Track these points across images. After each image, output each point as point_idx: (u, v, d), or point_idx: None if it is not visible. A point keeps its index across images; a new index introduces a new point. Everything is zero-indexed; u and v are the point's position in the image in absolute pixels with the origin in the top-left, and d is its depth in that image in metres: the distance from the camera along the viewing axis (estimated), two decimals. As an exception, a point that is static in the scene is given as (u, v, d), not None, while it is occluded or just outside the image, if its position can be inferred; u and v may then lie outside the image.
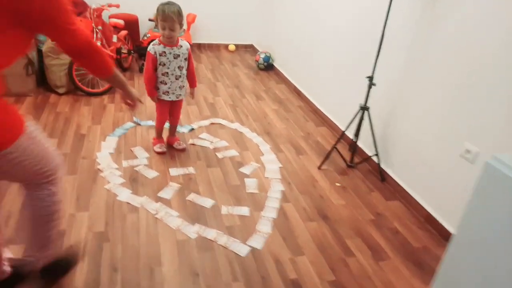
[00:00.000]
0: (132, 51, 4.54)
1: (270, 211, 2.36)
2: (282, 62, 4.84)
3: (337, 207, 2.47)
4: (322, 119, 3.70)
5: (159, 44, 2.59)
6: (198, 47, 5.70)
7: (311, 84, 4.02)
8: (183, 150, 2.92)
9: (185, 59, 2.70)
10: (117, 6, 3.91)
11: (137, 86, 4.07)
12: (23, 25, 1.22)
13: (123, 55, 4.24)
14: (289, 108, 3.92)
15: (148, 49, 2.60)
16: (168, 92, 2.71)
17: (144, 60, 4.80)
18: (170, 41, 2.59)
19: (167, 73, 2.66)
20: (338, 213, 2.41)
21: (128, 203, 2.30)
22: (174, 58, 2.63)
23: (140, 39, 5.14)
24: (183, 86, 2.77)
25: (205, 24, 5.55)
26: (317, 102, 3.86)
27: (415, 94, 2.48)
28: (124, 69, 4.42)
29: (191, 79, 2.83)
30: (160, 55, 2.59)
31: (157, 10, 2.47)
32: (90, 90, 3.71)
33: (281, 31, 4.81)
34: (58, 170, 1.55)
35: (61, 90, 3.65)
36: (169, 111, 2.84)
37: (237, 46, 5.87)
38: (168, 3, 2.47)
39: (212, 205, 2.36)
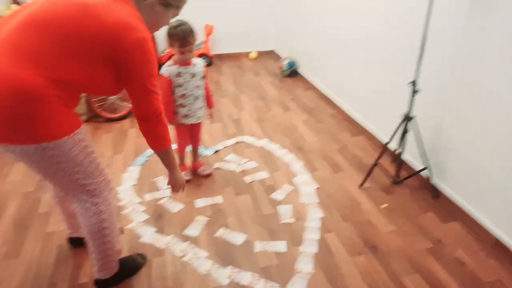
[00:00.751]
0: (151, 70, 4.39)
1: (310, 245, 2.08)
2: (307, 66, 4.55)
3: (387, 235, 2.16)
4: (358, 128, 3.38)
5: (173, 64, 2.39)
6: (219, 58, 5.50)
7: (341, 90, 3.71)
8: (208, 175, 2.70)
9: (202, 77, 2.48)
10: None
11: (158, 106, 3.89)
12: (111, 69, 1.36)
13: (142, 75, 4.08)
14: (320, 117, 3.62)
15: (161, 73, 2.40)
16: (188, 115, 2.49)
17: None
18: (187, 61, 2.38)
19: (185, 94, 2.44)
20: (389, 243, 2.10)
21: (152, 245, 2.10)
22: (191, 77, 2.42)
23: (159, 56, 5.00)
24: (203, 107, 2.55)
25: (223, 34, 5.34)
26: (351, 109, 3.54)
27: (468, 98, 2.13)
28: (144, 89, 4.26)
29: (208, 99, 2.62)
30: (176, 76, 2.39)
31: (169, 35, 2.27)
32: (110, 115, 3.57)
33: (303, 32, 4.52)
34: (103, 188, 1.59)
35: (82, 118, 3.53)
36: (190, 134, 2.63)
37: (258, 53, 5.63)
38: (178, 25, 2.25)
39: (244, 241, 2.11)
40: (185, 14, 5.36)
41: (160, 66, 4.74)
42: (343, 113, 3.64)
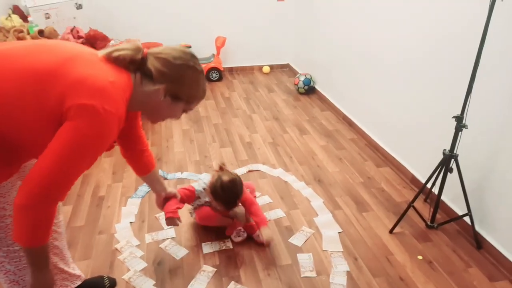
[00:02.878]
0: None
1: (336, 309, 1.76)
2: (325, 84, 4.24)
3: (427, 298, 1.83)
4: (383, 157, 3.05)
5: (206, 195, 2.13)
6: (230, 72, 5.23)
7: (365, 112, 3.39)
8: (263, 244, 2.11)
9: None
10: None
11: (164, 127, 3.61)
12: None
13: (148, 91, 3.81)
14: (340, 142, 3.31)
15: (194, 186, 2.15)
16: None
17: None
18: None
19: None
20: (430, 309, 1.77)
21: (150, 303, 1.79)
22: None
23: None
24: None
25: (235, 47, 5.07)
26: (375, 136, 3.22)
27: (527, 138, 1.81)
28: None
29: (255, 220, 2.14)
30: (205, 202, 2.17)
31: (215, 194, 2.00)
32: (112, 136, 3.29)
33: (323, 47, 4.21)
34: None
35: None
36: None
37: (271, 67, 5.34)
38: (228, 187, 1.97)
39: (259, 301, 1.80)
40: (197, 25, 5.14)
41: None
42: (366, 138, 3.32)
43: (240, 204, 2.10)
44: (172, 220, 1.90)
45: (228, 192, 1.97)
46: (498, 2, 1.70)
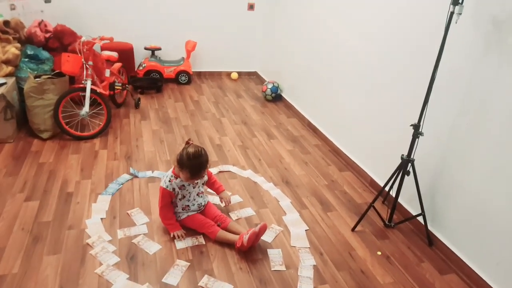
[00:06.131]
0: (126, 85, 4.09)
1: (304, 299, 1.88)
2: (291, 92, 4.42)
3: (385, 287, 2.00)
4: (345, 162, 3.25)
5: (176, 178, 2.17)
6: (198, 76, 5.29)
7: (329, 120, 3.59)
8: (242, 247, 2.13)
9: (203, 183, 2.33)
10: (111, 39, 3.48)
11: (133, 127, 3.61)
12: None
13: (116, 90, 3.79)
14: (305, 148, 3.48)
15: (163, 186, 2.18)
16: (188, 206, 2.28)
17: (140, 93, 4.39)
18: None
19: (188, 206, 2.27)
20: (388, 298, 1.94)
21: (125, 295, 1.81)
22: (194, 187, 2.25)
23: (136, 69, 4.72)
24: (202, 193, 2.35)
25: (205, 52, 5.15)
26: (338, 142, 3.42)
27: (475, 143, 2.05)
28: (118, 105, 3.96)
29: (216, 188, 2.44)
30: (180, 188, 2.19)
31: (181, 164, 2.08)
32: (78, 133, 3.24)
33: (289, 55, 4.41)
34: None
35: (45, 135, 3.17)
36: (206, 218, 2.28)
37: (239, 73, 5.47)
38: (196, 159, 2.08)
39: (231, 293, 1.88)
40: (168, 28, 5.17)
41: (137, 80, 4.50)
42: (329, 144, 3.51)
43: (205, 175, 2.30)
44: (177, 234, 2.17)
45: (193, 160, 2.07)
46: (453, 23, 1.94)
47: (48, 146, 3.09)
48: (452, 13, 1.90)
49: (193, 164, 2.07)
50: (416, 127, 2.16)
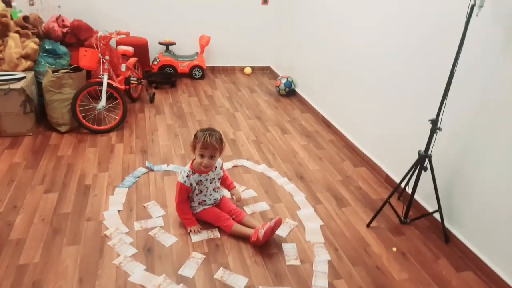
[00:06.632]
0: (141, 80, 4.13)
1: (319, 294, 1.89)
2: (305, 87, 4.40)
3: (401, 284, 1.98)
4: (360, 158, 3.23)
5: (194, 173, 2.19)
6: (212, 71, 5.30)
7: (343, 115, 3.57)
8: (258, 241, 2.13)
9: (219, 178, 2.35)
10: (127, 34, 3.51)
11: (148, 121, 3.64)
12: None
13: (132, 85, 3.83)
14: (319, 143, 3.46)
15: (180, 181, 2.19)
16: (204, 201, 2.31)
17: (154, 87, 4.43)
18: (207, 169, 2.22)
19: (205, 201, 2.30)
20: (404, 294, 1.93)
21: (142, 286, 1.84)
22: (210, 182, 2.27)
23: (150, 64, 4.76)
24: (218, 188, 2.38)
25: (219, 47, 5.16)
26: (352, 137, 3.40)
27: (493, 141, 2.01)
28: (133, 100, 4.00)
29: (227, 184, 2.48)
30: (197, 184, 2.21)
31: (196, 137, 2.14)
32: (95, 127, 3.29)
33: (303, 50, 4.38)
34: None
35: (63, 129, 3.23)
36: (222, 211, 2.30)
37: (253, 68, 5.47)
38: (209, 131, 2.14)
39: (246, 286, 1.89)
40: (182, 23, 5.20)
41: (152, 75, 4.54)
42: (344, 140, 3.49)
43: (222, 169, 2.35)
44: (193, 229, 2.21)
45: (206, 131, 2.12)
46: (473, 16, 1.90)
47: (66, 140, 3.15)
48: (473, 6, 1.87)
49: (205, 134, 2.11)
50: (434, 122, 2.14)
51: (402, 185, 2.49)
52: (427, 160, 2.22)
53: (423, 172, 2.27)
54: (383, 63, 2.92)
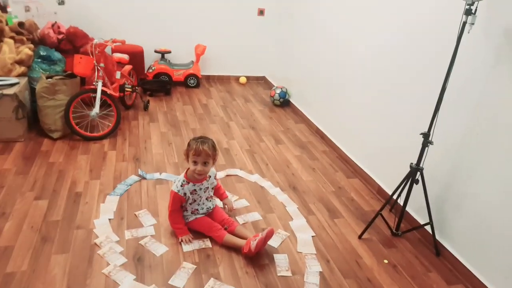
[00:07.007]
0: (136, 88, 4.13)
1: (310, 306, 1.87)
2: (300, 98, 4.43)
3: (392, 297, 1.98)
4: (352, 169, 3.25)
5: (188, 182, 2.19)
6: (207, 79, 5.32)
7: (337, 126, 3.59)
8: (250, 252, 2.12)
9: (213, 188, 2.35)
10: (123, 42, 3.52)
11: (142, 129, 3.63)
12: None
13: (126, 92, 3.82)
14: (313, 154, 3.48)
15: (174, 190, 2.19)
16: (197, 210, 2.30)
17: (149, 95, 4.43)
18: (201, 177, 2.22)
19: (197, 210, 2.30)
20: (395, 307, 1.93)
21: (131, 296, 1.82)
22: (204, 192, 2.28)
23: (145, 72, 4.76)
24: (211, 197, 2.38)
25: (214, 56, 5.19)
26: (346, 149, 3.41)
27: (485, 155, 2.04)
28: (127, 107, 3.99)
29: (220, 194, 2.47)
30: (191, 193, 2.21)
31: (189, 145, 2.15)
32: (88, 134, 3.27)
33: (298, 61, 4.42)
34: None
35: (55, 135, 3.21)
36: (213, 221, 2.29)
37: (248, 78, 5.50)
38: (201, 138, 2.16)
39: (237, 297, 1.88)
40: (178, 31, 5.21)
41: (147, 83, 4.54)
42: (336, 151, 3.51)
43: (215, 179, 2.36)
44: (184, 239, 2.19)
45: (198, 139, 2.14)
46: (465, 33, 1.94)
47: (58, 146, 3.12)
48: (464, 23, 1.90)
49: (197, 141, 2.12)
50: (426, 135, 2.16)
51: (394, 197, 2.51)
52: (418, 173, 2.23)
53: (414, 184, 2.29)
54: (376, 76, 2.95)
